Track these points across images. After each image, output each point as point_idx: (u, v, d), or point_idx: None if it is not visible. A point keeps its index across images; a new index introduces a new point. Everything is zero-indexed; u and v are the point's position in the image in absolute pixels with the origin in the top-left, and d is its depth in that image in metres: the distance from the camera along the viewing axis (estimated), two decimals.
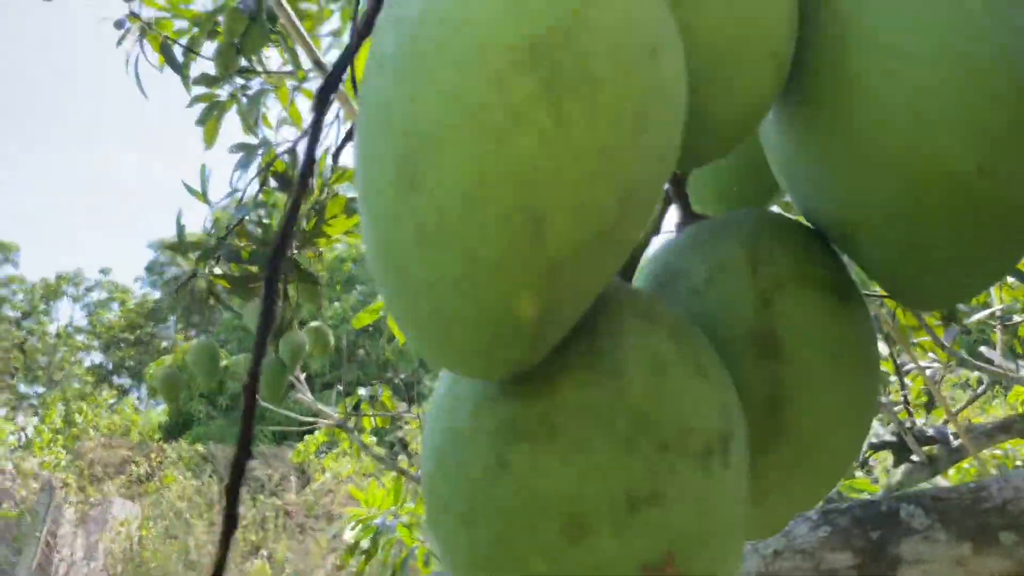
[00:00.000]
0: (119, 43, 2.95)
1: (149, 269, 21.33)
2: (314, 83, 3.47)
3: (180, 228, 3.04)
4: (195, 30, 3.21)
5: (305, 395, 3.23)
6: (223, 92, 3.41)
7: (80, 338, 21.02)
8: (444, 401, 0.31)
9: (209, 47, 3.22)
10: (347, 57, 0.34)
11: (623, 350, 0.29)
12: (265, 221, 3.16)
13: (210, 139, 3.57)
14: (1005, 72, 0.31)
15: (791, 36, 0.34)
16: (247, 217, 3.10)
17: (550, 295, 0.24)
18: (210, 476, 9.09)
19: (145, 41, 3.03)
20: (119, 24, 2.89)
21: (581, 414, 0.28)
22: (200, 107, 3.38)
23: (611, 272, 0.28)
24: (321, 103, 0.33)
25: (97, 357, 21.37)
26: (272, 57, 3.36)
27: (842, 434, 0.37)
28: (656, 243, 0.41)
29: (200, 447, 9.45)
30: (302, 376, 3.25)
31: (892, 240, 0.34)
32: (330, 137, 3.32)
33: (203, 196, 3.14)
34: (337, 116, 3.35)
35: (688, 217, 0.41)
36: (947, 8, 0.32)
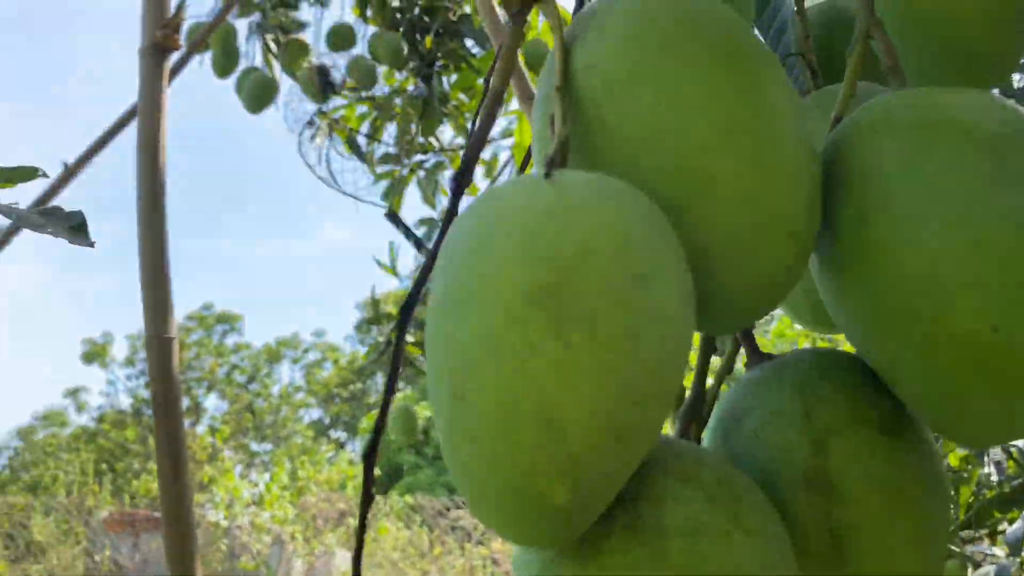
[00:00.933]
0: (312, 139, 3.26)
1: (357, 329, 22.92)
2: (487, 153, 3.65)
3: (375, 303, 3.28)
4: (375, 113, 3.48)
5: None
6: (403, 169, 3.66)
7: (299, 396, 22.89)
8: (521, 552, 0.36)
9: (389, 127, 3.49)
10: (484, 131, 0.38)
11: (663, 515, 0.33)
12: None
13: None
14: (1014, 235, 0.33)
15: (811, 213, 0.37)
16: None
17: (578, 484, 0.29)
18: (420, 527, 9.52)
19: (334, 133, 3.33)
20: (311, 123, 3.20)
21: None
22: (384, 184, 3.65)
23: (639, 455, 0.32)
24: (489, 116, 0.36)
25: (315, 413, 23.15)
26: (445, 131, 3.57)
27: (910, 561, 0.38)
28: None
29: (409, 498, 9.93)
30: None
31: (926, 389, 0.36)
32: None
33: (393, 271, 3.36)
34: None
35: (755, 358, 0.43)
36: (957, 176, 0.34)
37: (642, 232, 0.31)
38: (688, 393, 0.42)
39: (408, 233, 3.07)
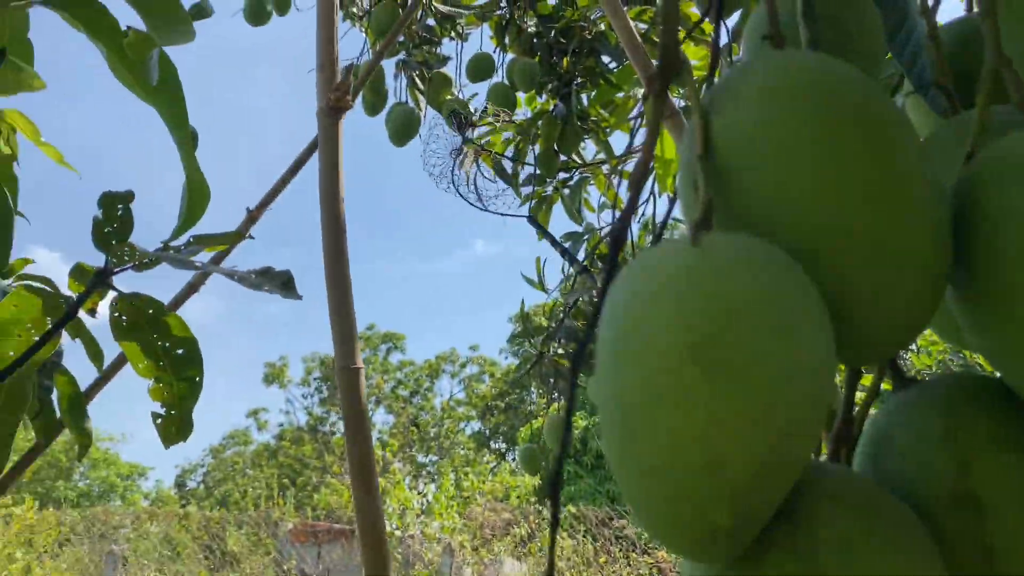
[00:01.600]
0: (459, 166, 3.41)
1: (510, 341, 23.33)
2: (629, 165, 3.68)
3: (525, 317, 3.38)
4: (519, 137, 3.59)
5: None
6: (548, 188, 3.75)
7: (460, 409, 23.55)
8: (689, 565, 0.40)
9: (533, 149, 3.59)
10: (633, 201, 0.43)
11: (816, 532, 0.36)
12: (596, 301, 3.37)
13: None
14: None
15: (943, 252, 0.39)
16: (580, 300, 3.35)
17: (738, 509, 0.34)
18: (584, 536, 9.57)
19: (480, 160, 3.47)
20: (458, 151, 3.36)
21: None
22: (530, 204, 3.75)
23: (790, 481, 0.36)
24: (637, 188, 0.42)
25: (475, 425, 23.74)
26: (587, 147, 3.63)
27: None
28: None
29: (571, 508, 10.01)
30: None
31: None
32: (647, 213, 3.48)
33: (541, 285, 3.45)
34: (652, 193, 3.50)
35: (899, 382, 0.45)
36: None
37: (782, 288, 0.35)
38: (838, 417, 0.45)
39: (552, 240, 3.13)
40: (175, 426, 0.97)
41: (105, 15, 0.83)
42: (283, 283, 0.74)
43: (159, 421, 0.97)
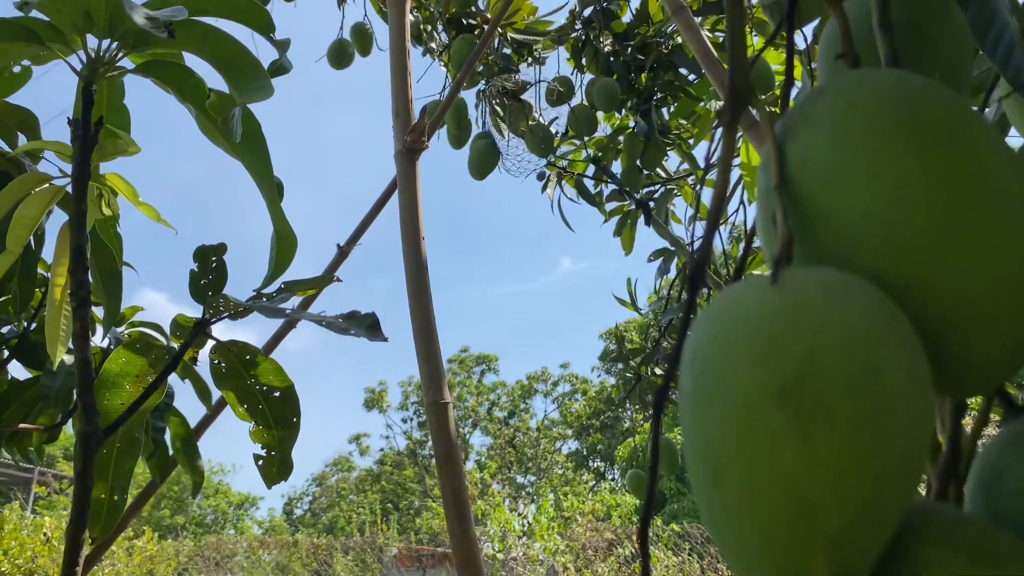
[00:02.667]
0: (543, 190, 3.43)
1: (602, 359, 23.15)
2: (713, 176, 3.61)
3: (620, 339, 3.34)
4: (600, 154, 3.58)
5: None
6: (632, 203, 3.72)
7: (555, 429, 23.47)
8: None
9: (615, 165, 3.57)
10: (709, 238, 0.42)
11: None
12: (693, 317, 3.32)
13: (628, 247, 3.89)
14: None
15: None
16: (675, 319, 3.30)
17: (835, 558, 0.32)
18: (689, 554, 9.35)
19: (564, 181, 3.47)
20: (541, 175, 3.37)
21: None
22: (615, 220, 3.73)
23: (890, 527, 0.33)
24: (714, 224, 0.41)
25: (572, 444, 23.60)
26: (670, 159, 3.59)
27: None
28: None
29: (675, 526, 9.81)
30: None
31: None
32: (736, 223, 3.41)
33: (633, 305, 3.41)
34: (742, 202, 3.42)
35: (1010, 412, 0.42)
36: None
37: (870, 324, 0.33)
38: (943, 450, 0.43)
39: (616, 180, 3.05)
40: (275, 467, 1.00)
41: (192, 77, 0.87)
42: (369, 326, 0.76)
43: (260, 463, 1.00)
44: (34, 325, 1.64)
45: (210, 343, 0.94)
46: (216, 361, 0.94)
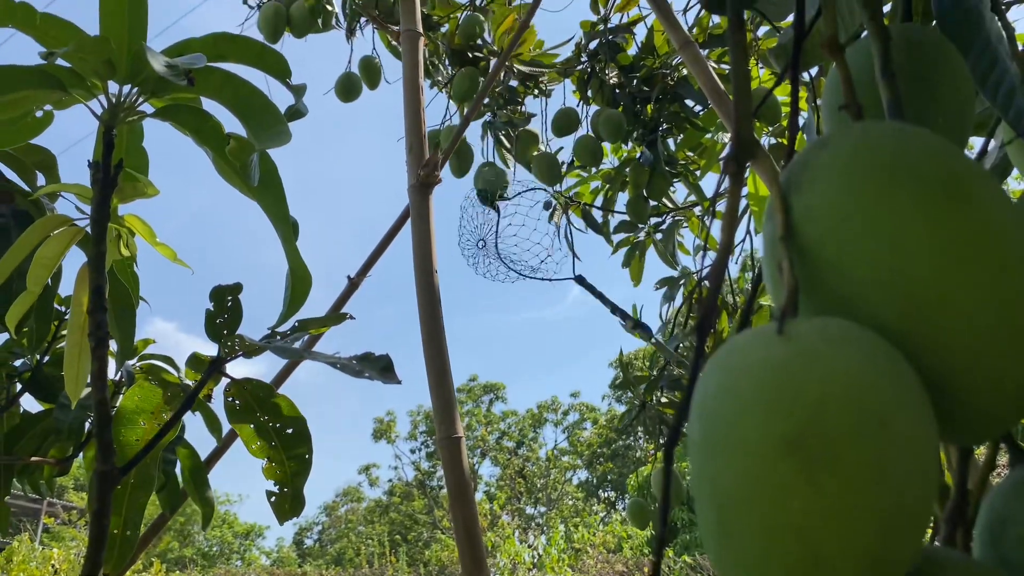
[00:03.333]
0: (550, 220, 3.45)
1: (612, 387, 23.06)
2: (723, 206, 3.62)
3: (624, 366, 3.35)
4: (607, 186, 3.61)
5: None
6: (640, 234, 3.74)
7: (565, 458, 23.31)
8: None
9: (621, 196, 3.59)
10: (717, 283, 0.43)
11: None
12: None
13: (636, 278, 3.90)
14: None
15: None
16: (681, 346, 3.29)
17: None
18: None
19: (571, 212, 3.50)
20: (548, 204, 3.39)
21: None
22: (623, 252, 3.74)
23: (900, 573, 0.34)
24: (718, 279, 0.41)
25: (582, 474, 23.43)
26: (676, 190, 3.60)
27: None
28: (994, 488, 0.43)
29: (687, 558, 9.70)
30: None
31: None
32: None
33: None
34: (748, 232, 3.43)
35: (1016, 456, 0.43)
36: None
37: (875, 373, 0.34)
38: (951, 496, 0.43)
39: (602, 298, 3.09)
40: (288, 503, 1.01)
41: (209, 121, 0.89)
42: (382, 368, 0.77)
43: (273, 499, 1.00)
44: (47, 358, 1.66)
45: (224, 380, 0.96)
46: (230, 399, 0.95)
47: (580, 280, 3.07)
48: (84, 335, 0.89)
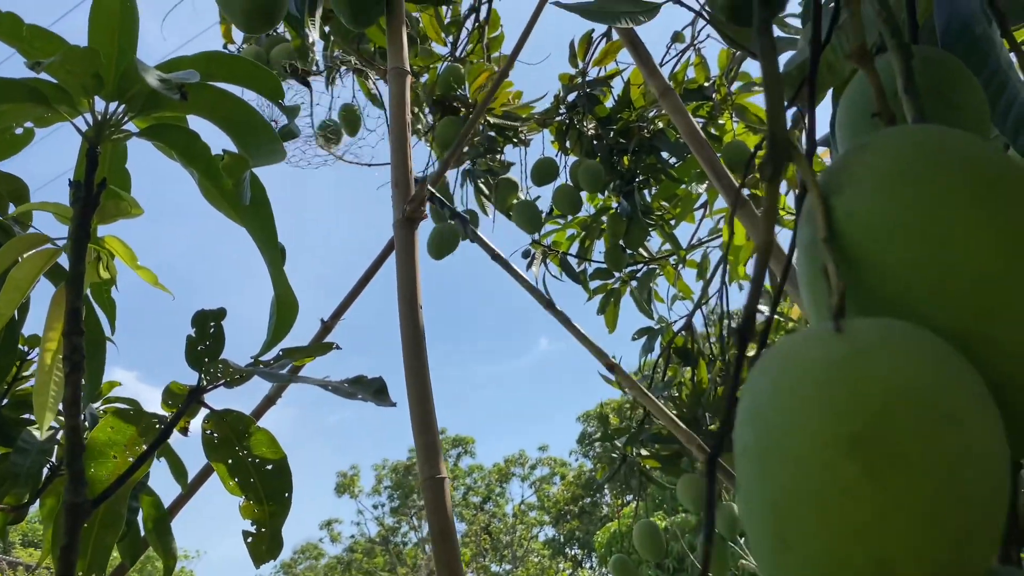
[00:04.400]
0: (528, 268, 3.44)
1: (580, 442, 22.90)
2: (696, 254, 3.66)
3: (604, 419, 3.31)
4: (583, 234, 3.62)
5: None
6: (615, 281, 3.74)
7: (532, 514, 22.97)
8: None
9: (597, 244, 3.61)
10: (756, 294, 0.41)
11: None
12: (675, 395, 3.31)
13: (611, 325, 3.89)
14: None
15: None
16: (660, 397, 3.27)
17: None
18: None
19: (548, 260, 3.50)
20: (526, 253, 3.39)
21: None
22: (598, 299, 3.74)
23: None
24: (758, 284, 0.39)
25: (549, 531, 23.07)
26: (651, 240, 3.63)
27: None
28: None
29: None
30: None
31: None
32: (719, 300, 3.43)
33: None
34: (723, 283, 3.46)
35: None
36: None
37: (941, 371, 0.32)
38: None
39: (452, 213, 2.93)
40: (265, 544, 0.96)
41: (198, 142, 0.86)
42: (376, 391, 0.73)
43: (250, 540, 0.95)
44: (6, 400, 1.59)
45: (203, 412, 0.91)
46: (209, 432, 0.90)
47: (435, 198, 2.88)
48: (57, 359, 0.84)
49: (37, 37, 0.78)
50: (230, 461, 0.92)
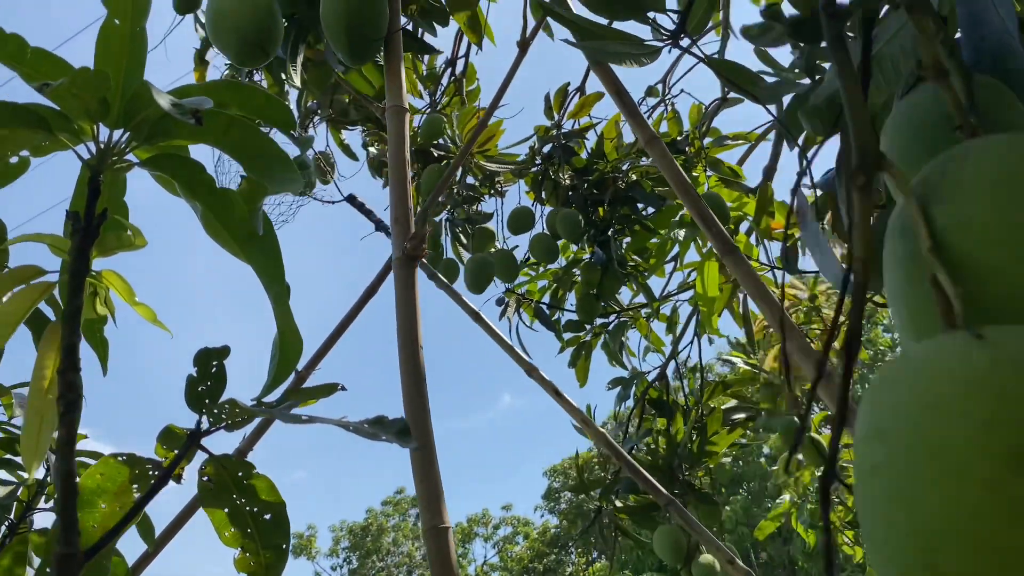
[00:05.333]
0: (501, 317, 3.42)
1: (546, 497, 22.59)
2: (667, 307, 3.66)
3: (580, 469, 3.26)
4: (555, 285, 3.62)
5: None
6: (586, 334, 3.73)
7: (495, 575, 22.47)
8: None
9: (571, 296, 3.60)
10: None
11: None
12: (652, 447, 3.28)
13: (582, 378, 3.87)
14: None
15: None
16: (635, 448, 3.24)
17: None
18: None
19: (521, 309, 3.48)
20: (500, 301, 3.37)
21: None
22: (570, 351, 3.72)
23: None
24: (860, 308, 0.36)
25: None
26: (622, 292, 3.63)
27: None
28: None
29: None
30: None
31: None
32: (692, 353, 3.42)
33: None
34: (696, 335, 3.46)
35: None
36: None
37: None
38: None
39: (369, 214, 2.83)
40: None
41: (203, 173, 0.83)
42: (398, 431, 0.69)
43: None
44: None
45: (198, 458, 0.86)
46: (206, 478, 0.85)
47: (351, 200, 2.80)
48: (46, 400, 0.79)
49: (42, 61, 0.75)
50: (228, 510, 0.86)
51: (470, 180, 3.10)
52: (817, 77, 0.76)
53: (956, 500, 0.29)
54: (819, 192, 1.19)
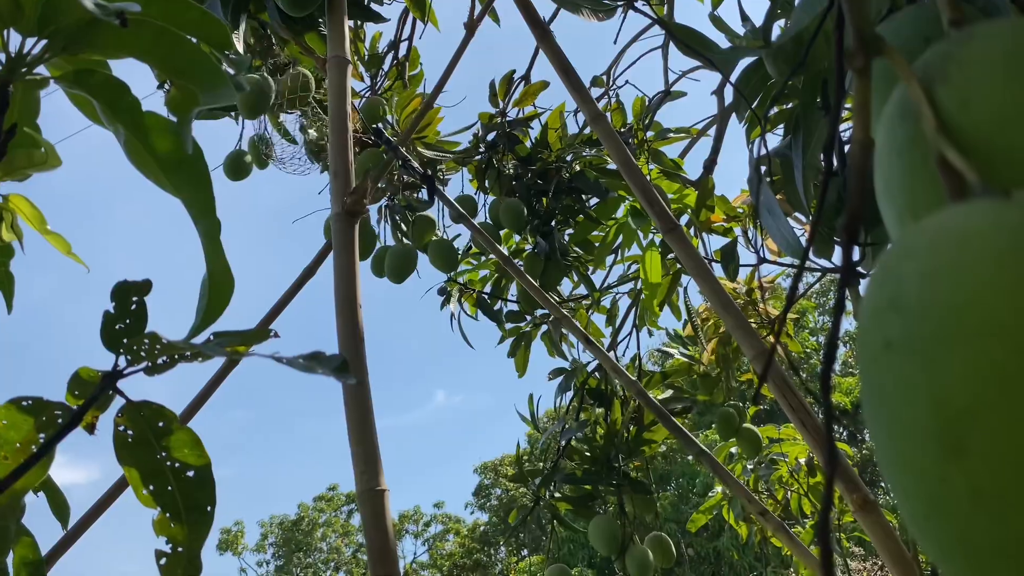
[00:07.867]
0: (443, 306, 3.36)
1: (476, 494, 22.55)
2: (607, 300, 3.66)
3: (519, 459, 3.22)
4: (497, 275, 3.58)
5: None
6: (527, 324, 3.70)
7: (425, 573, 22.33)
8: None
9: (512, 286, 3.56)
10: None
11: None
12: (589, 437, 3.27)
13: (522, 368, 3.84)
14: None
15: None
16: (573, 439, 3.22)
17: None
18: None
19: (463, 299, 3.43)
20: (442, 291, 3.31)
21: None
22: (509, 342, 3.69)
23: None
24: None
25: None
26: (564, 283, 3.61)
27: None
28: None
29: None
30: None
31: None
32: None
33: (535, 426, 3.32)
34: (635, 326, 3.46)
35: None
36: None
37: None
38: None
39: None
40: (182, 568, 0.83)
41: (128, 94, 0.76)
42: (336, 367, 0.64)
43: (163, 561, 0.82)
44: None
45: (115, 405, 0.79)
46: (123, 428, 0.78)
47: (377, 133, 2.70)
48: None
49: None
50: (145, 465, 0.79)
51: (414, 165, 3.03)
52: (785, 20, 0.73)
53: (988, 368, 0.25)
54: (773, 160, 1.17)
